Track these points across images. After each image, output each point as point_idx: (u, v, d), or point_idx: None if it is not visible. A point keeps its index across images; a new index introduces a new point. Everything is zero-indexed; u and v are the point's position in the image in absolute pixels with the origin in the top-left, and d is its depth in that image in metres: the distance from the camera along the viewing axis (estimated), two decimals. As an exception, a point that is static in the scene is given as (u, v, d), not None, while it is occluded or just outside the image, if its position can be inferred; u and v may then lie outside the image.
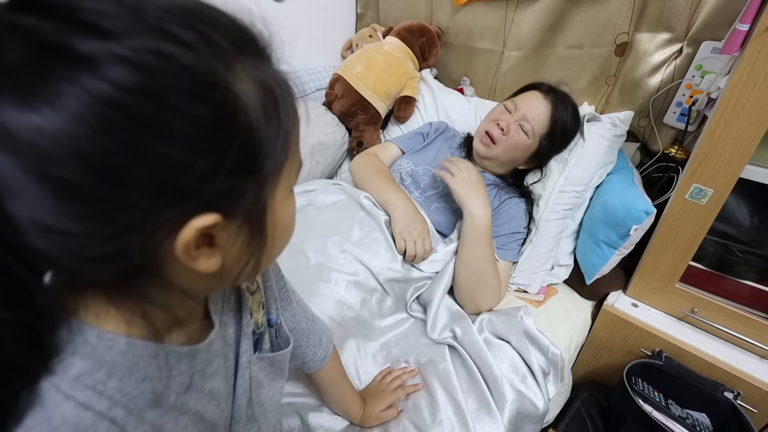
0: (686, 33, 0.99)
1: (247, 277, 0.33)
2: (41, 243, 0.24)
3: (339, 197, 0.99)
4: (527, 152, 1.03)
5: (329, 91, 1.30)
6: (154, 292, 0.30)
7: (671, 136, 1.11)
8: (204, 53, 0.24)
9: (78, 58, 0.21)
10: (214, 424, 0.37)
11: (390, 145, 1.19)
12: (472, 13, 1.30)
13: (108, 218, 0.24)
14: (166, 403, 0.32)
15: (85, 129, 0.21)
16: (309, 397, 0.74)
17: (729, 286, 0.97)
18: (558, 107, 1.02)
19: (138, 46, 0.22)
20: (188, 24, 0.24)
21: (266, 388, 0.47)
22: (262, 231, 0.31)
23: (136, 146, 0.23)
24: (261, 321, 0.48)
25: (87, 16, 0.22)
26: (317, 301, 0.81)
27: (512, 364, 0.80)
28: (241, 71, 0.26)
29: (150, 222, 0.25)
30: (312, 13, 1.38)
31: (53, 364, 0.27)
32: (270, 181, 0.30)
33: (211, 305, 0.39)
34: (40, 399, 0.26)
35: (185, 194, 0.25)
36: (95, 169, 0.22)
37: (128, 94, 0.22)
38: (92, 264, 0.26)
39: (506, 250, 0.99)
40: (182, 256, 0.27)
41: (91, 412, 0.27)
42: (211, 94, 0.24)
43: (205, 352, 0.36)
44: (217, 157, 0.25)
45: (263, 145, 0.28)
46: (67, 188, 0.22)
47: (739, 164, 0.79)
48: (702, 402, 0.89)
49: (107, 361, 0.29)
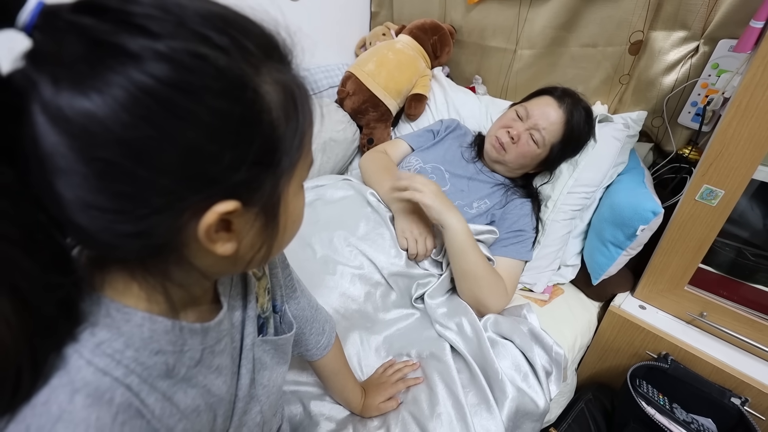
0: (703, 31, 0.97)
1: (259, 262, 0.36)
2: (82, 218, 0.27)
3: (347, 192, 1.01)
4: (537, 160, 1.03)
5: (341, 89, 1.32)
6: (175, 270, 0.33)
7: (685, 137, 1.09)
8: (236, 57, 0.27)
9: (127, 54, 0.24)
10: (221, 399, 0.40)
11: (400, 142, 1.20)
12: (485, 11, 1.30)
13: (141, 198, 0.26)
14: (177, 375, 0.34)
15: (128, 116, 0.24)
16: (312, 386, 0.76)
17: (740, 289, 0.94)
18: (572, 115, 0.99)
19: (178, 47, 0.25)
20: (223, 30, 0.27)
21: (269, 370, 0.49)
22: (275, 221, 0.34)
23: (171, 134, 0.25)
24: (266, 306, 0.50)
25: (138, 20, 0.25)
26: (322, 293, 0.83)
27: (514, 361, 0.80)
28: (267, 74, 0.29)
29: (178, 204, 0.28)
30: (326, 11, 1.40)
31: (77, 332, 0.30)
32: (285, 176, 0.32)
33: (220, 288, 0.42)
34: (65, 363, 0.28)
35: (211, 181, 0.28)
36: (134, 152, 0.25)
37: (167, 88, 0.25)
38: (125, 240, 0.28)
39: (513, 249, 0.98)
40: (203, 238, 0.29)
41: (110, 377, 0.29)
42: (240, 94, 0.27)
43: (214, 330, 0.39)
44: (242, 150, 0.28)
45: (282, 142, 0.30)
46: (108, 169, 0.25)
47: (751, 165, 0.77)
48: (708, 407, 0.88)
49: (125, 332, 0.31)
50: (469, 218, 1.00)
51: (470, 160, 1.12)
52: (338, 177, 1.14)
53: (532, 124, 0.99)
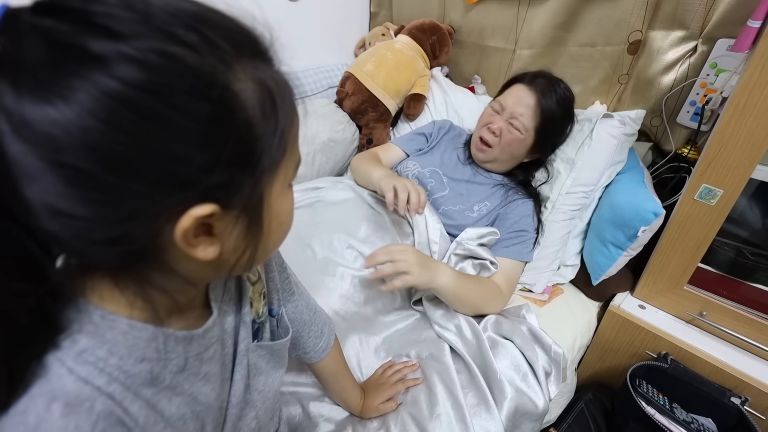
0: (701, 30, 0.97)
1: (243, 267, 0.34)
2: (53, 225, 0.26)
3: (348, 195, 1.01)
4: (525, 146, 1.02)
5: (340, 89, 1.32)
6: (156, 276, 0.32)
7: (684, 136, 1.08)
8: (206, 54, 0.26)
9: (90, 56, 0.23)
10: (209, 406, 0.39)
11: (392, 146, 1.19)
12: (484, 11, 1.30)
13: (113, 204, 0.26)
14: (161, 383, 0.33)
15: (94, 121, 0.23)
16: (311, 387, 0.76)
17: (739, 289, 0.94)
18: (544, 95, 0.99)
19: (144, 47, 0.24)
20: (192, 27, 0.26)
21: (265, 375, 0.48)
22: (258, 223, 0.32)
23: (140, 138, 0.24)
24: (261, 311, 0.50)
25: (99, 19, 0.24)
26: (322, 295, 0.83)
27: (514, 361, 0.80)
28: (241, 71, 0.28)
29: (151, 209, 0.27)
30: (326, 12, 1.40)
31: (60, 340, 0.29)
32: (266, 176, 0.31)
33: (211, 293, 0.41)
34: (46, 371, 0.28)
35: (184, 184, 0.27)
36: (102, 158, 0.24)
37: (134, 90, 0.24)
38: (99, 247, 0.27)
39: (514, 249, 0.97)
40: (181, 243, 0.28)
41: (90, 386, 0.29)
42: (210, 92, 0.26)
43: (201, 337, 0.38)
44: (215, 150, 0.27)
45: (260, 141, 0.29)
46: (76, 175, 0.24)
47: (749, 164, 0.77)
48: (708, 407, 0.88)
49: (109, 339, 0.30)
50: (470, 222, 1.01)
51: (466, 162, 1.12)
52: (338, 179, 1.14)
53: (509, 114, 1.00)
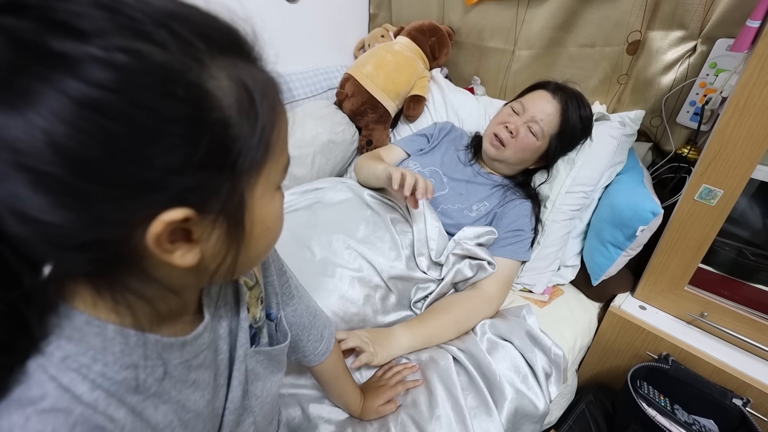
0: (700, 30, 0.97)
1: (225, 273, 0.33)
2: (21, 231, 0.25)
3: (346, 195, 1.01)
4: (537, 153, 1.03)
5: (340, 90, 1.32)
6: (134, 283, 0.30)
7: (684, 136, 1.08)
8: (176, 51, 0.25)
9: (52, 56, 0.22)
10: (198, 414, 0.38)
11: (394, 147, 1.20)
12: (483, 12, 1.30)
13: (81, 209, 0.25)
14: (147, 390, 0.33)
15: (59, 124, 0.22)
16: (310, 389, 0.76)
17: (740, 289, 0.94)
18: (568, 106, 1.00)
19: (109, 45, 0.23)
20: (162, 24, 0.25)
21: (263, 380, 0.48)
22: (239, 227, 0.31)
23: (106, 141, 0.23)
24: (259, 316, 0.49)
25: (61, 16, 0.22)
26: (321, 296, 0.83)
27: (514, 363, 0.80)
28: (216, 69, 0.27)
29: (119, 214, 0.25)
30: (325, 13, 1.40)
31: (43, 346, 0.28)
32: (247, 177, 0.30)
33: (205, 299, 0.40)
34: (27, 377, 0.28)
35: (153, 188, 0.26)
36: (67, 161, 0.23)
37: (98, 90, 0.23)
38: (69, 253, 0.26)
39: (511, 249, 0.98)
40: (154, 249, 0.27)
41: (71, 394, 0.28)
42: (180, 91, 0.25)
43: (191, 344, 0.37)
44: (186, 152, 0.26)
45: (238, 141, 0.28)
46: (41, 179, 0.23)
47: (750, 164, 0.77)
48: (709, 408, 0.87)
49: (93, 346, 0.30)
50: (468, 221, 1.01)
51: (467, 163, 1.12)
52: (337, 180, 1.14)
53: (530, 117, 1.00)
